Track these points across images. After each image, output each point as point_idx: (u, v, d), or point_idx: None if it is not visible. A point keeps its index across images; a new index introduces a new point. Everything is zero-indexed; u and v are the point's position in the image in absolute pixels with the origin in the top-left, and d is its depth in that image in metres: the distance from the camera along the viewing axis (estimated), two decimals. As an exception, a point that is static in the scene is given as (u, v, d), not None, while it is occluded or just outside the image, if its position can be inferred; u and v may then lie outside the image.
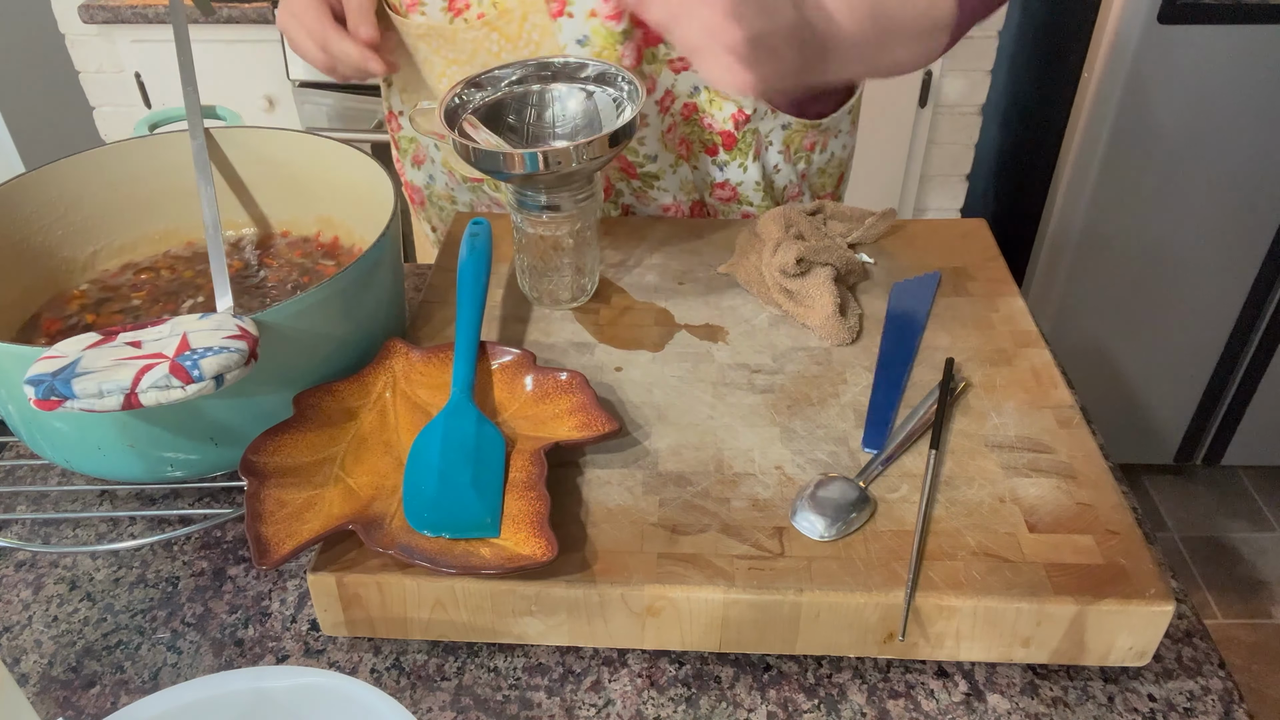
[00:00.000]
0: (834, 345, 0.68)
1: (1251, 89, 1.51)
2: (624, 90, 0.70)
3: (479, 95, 0.71)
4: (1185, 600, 0.57)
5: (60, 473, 0.68)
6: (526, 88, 0.72)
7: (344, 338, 0.63)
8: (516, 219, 0.70)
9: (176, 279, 0.76)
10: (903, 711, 0.51)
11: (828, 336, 0.69)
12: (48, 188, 0.72)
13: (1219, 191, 1.61)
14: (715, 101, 0.83)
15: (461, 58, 0.78)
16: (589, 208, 0.70)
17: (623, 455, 0.59)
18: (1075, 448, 0.59)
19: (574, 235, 0.70)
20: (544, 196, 0.68)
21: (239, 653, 0.56)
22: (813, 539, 0.53)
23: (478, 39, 0.77)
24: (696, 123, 0.85)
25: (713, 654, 0.55)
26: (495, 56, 0.77)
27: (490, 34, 0.76)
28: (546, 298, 0.73)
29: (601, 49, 0.76)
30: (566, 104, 0.72)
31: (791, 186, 0.91)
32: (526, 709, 0.52)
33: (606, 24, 0.75)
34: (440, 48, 0.78)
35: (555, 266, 0.71)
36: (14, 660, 0.55)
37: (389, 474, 0.57)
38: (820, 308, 0.69)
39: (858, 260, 0.75)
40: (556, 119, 0.72)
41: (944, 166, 1.90)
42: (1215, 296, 1.72)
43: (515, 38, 0.76)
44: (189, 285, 0.75)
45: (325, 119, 1.76)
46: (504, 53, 0.77)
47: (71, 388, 0.50)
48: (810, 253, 0.71)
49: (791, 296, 0.71)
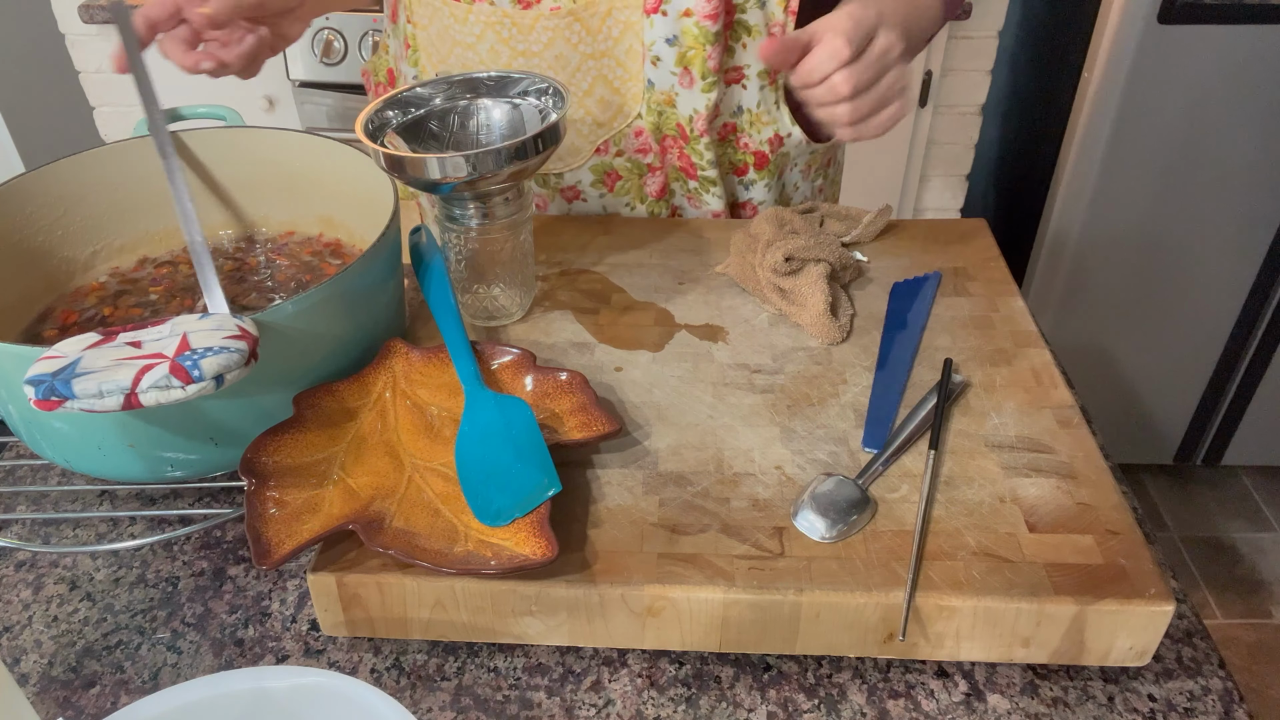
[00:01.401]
0: (826, 344, 0.69)
1: (1251, 89, 1.51)
2: (549, 100, 0.70)
3: (402, 113, 0.70)
4: (1185, 600, 0.57)
5: (60, 473, 0.68)
6: (453, 103, 0.71)
7: (344, 338, 0.63)
8: (445, 235, 0.69)
9: (194, 274, 0.76)
10: (903, 711, 0.51)
11: (819, 335, 0.69)
12: (48, 188, 0.72)
13: (1219, 191, 1.61)
14: (756, 124, 0.84)
15: (534, 49, 0.78)
16: (519, 220, 0.69)
17: (623, 455, 0.59)
18: (1075, 448, 0.59)
19: (506, 248, 0.69)
20: (471, 208, 0.67)
21: (239, 653, 0.56)
22: (813, 539, 0.53)
23: (556, 29, 0.76)
24: (732, 143, 0.85)
25: (713, 654, 0.55)
26: (574, 48, 0.77)
27: (573, 24, 0.76)
28: (479, 314, 0.72)
29: (689, 48, 0.77)
30: (491, 114, 0.72)
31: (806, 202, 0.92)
32: (526, 709, 0.52)
33: (703, 24, 0.75)
34: (511, 38, 0.78)
35: (488, 280, 0.70)
36: (14, 660, 0.55)
37: (389, 474, 0.57)
38: (811, 305, 0.69)
39: (852, 258, 0.75)
40: (480, 129, 0.72)
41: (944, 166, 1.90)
42: (1215, 296, 1.72)
43: (596, 31, 0.77)
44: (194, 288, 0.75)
45: (325, 119, 1.76)
46: (581, 44, 0.77)
47: (71, 388, 0.50)
48: (801, 250, 0.71)
49: (784, 295, 0.71)
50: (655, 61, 0.78)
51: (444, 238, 0.70)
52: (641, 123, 0.82)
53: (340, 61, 1.68)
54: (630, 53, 0.78)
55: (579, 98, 0.81)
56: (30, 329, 0.71)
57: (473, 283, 0.71)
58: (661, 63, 0.78)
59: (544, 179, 0.86)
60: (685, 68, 0.78)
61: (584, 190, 0.87)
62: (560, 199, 0.88)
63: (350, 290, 0.61)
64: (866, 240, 0.80)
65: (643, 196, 0.87)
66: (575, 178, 0.85)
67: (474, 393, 0.60)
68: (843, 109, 0.64)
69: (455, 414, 0.60)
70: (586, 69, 0.79)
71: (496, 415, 0.58)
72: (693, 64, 0.77)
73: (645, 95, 0.80)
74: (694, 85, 0.79)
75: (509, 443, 0.56)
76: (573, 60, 0.78)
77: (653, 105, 0.81)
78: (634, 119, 0.82)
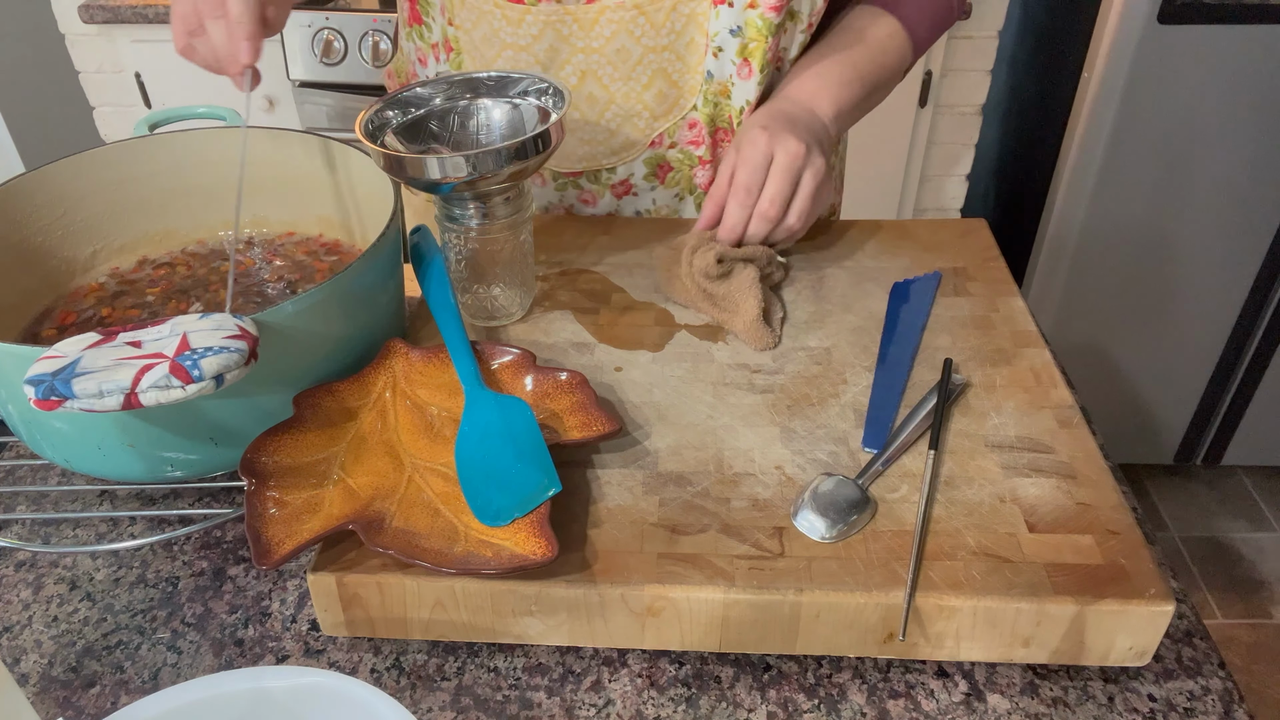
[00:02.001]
0: (759, 349, 0.68)
1: (1251, 89, 1.51)
2: (549, 101, 0.70)
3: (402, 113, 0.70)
4: (1185, 600, 0.57)
5: (60, 473, 0.68)
6: (453, 103, 0.71)
7: (344, 338, 0.63)
8: (445, 235, 0.69)
9: (191, 275, 0.76)
10: (903, 711, 0.51)
11: (752, 342, 0.68)
12: (48, 188, 0.72)
13: (1219, 191, 1.61)
14: None
15: (595, 44, 0.78)
16: (518, 220, 0.69)
17: (623, 455, 0.59)
18: (1075, 448, 0.59)
19: (506, 248, 0.69)
20: (471, 208, 0.67)
21: (239, 653, 0.56)
22: (813, 539, 0.53)
23: (620, 22, 0.77)
24: None
25: (713, 654, 0.55)
26: (636, 41, 0.78)
27: (637, 18, 0.77)
28: (479, 314, 0.72)
29: (751, 39, 0.77)
30: (491, 114, 0.72)
31: None
32: (526, 709, 0.52)
33: (767, 15, 0.76)
34: (572, 34, 0.78)
35: (488, 280, 0.70)
36: (14, 660, 0.55)
37: (389, 474, 0.57)
38: (744, 312, 0.68)
39: (778, 259, 0.75)
40: (480, 129, 0.72)
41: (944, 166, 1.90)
42: (1215, 296, 1.72)
43: (660, 25, 0.77)
44: (201, 283, 0.76)
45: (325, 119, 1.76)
46: (645, 37, 0.78)
47: (71, 388, 0.50)
48: (731, 252, 0.71)
49: (715, 302, 0.71)
50: (717, 53, 0.79)
51: (444, 238, 0.70)
52: (696, 114, 0.82)
53: (340, 61, 1.68)
54: (691, 45, 0.79)
55: (637, 91, 0.81)
56: (30, 329, 0.71)
57: (473, 283, 0.71)
58: (723, 54, 0.79)
59: (596, 175, 0.86)
60: (745, 59, 0.79)
61: (636, 184, 0.87)
62: (610, 195, 0.88)
63: (350, 290, 0.61)
64: (789, 242, 0.79)
65: (692, 188, 0.87)
66: (629, 171, 0.85)
67: (474, 393, 0.60)
68: (789, 222, 0.74)
69: (455, 414, 0.60)
70: (647, 62, 0.79)
71: (496, 415, 0.58)
72: (753, 55, 0.78)
73: (703, 88, 0.81)
74: (751, 77, 0.79)
75: (509, 443, 0.56)
76: (634, 54, 0.78)
77: (709, 96, 0.81)
78: (689, 111, 0.82)
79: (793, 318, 0.72)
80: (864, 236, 0.82)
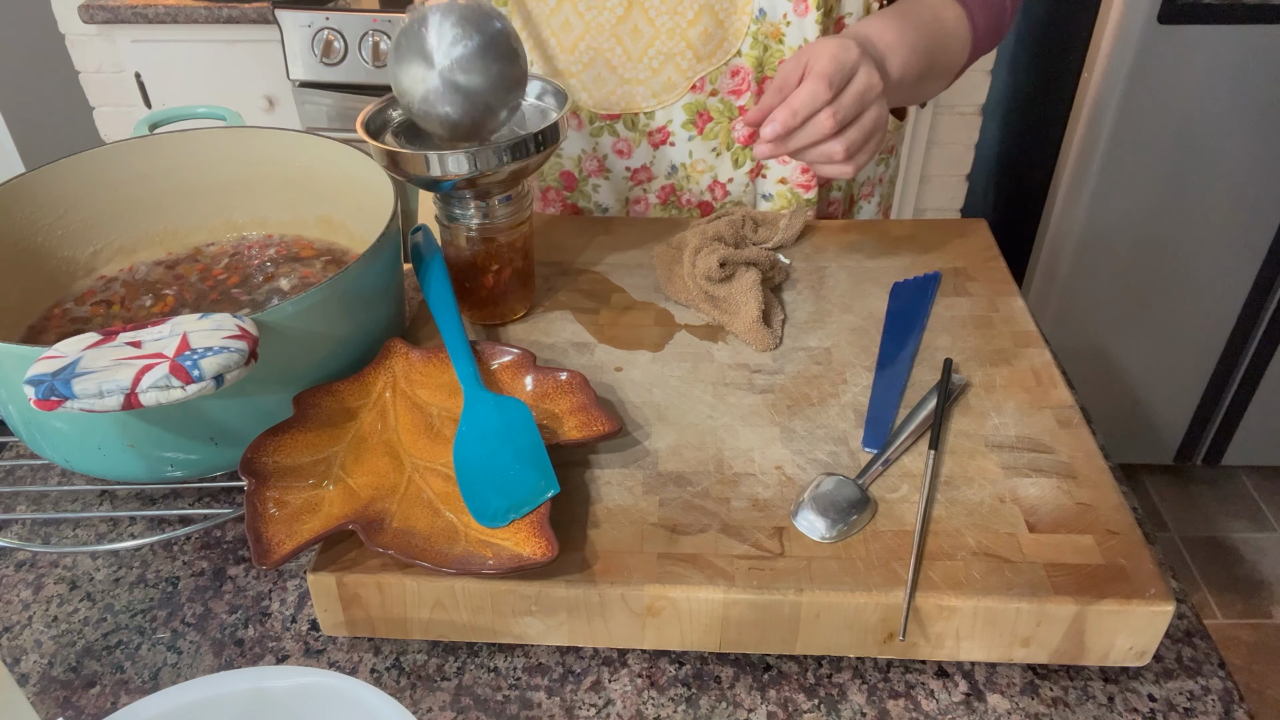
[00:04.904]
0: (760, 350, 0.68)
1: (1251, 89, 1.51)
2: (549, 100, 0.70)
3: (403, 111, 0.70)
4: (1185, 600, 0.57)
5: (60, 473, 0.68)
6: None
7: (344, 338, 0.63)
8: (445, 234, 0.69)
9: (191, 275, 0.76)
10: (903, 711, 0.51)
11: (752, 342, 0.68)
12: (48, 188, 0.72)
13: (1219, 191, 1.61)
14: None
15: None
16: (518, 220, 0.69)
17: (623, 455, 0.59)
18: (1075, 448, 0.59)
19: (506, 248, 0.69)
20: (471, 207, 0.67)
21: (239, 653, 0.56)
22: (813, 539, 0.53)
23: None
24: None
25: (713, 654, 0.55)
26: None
27: None
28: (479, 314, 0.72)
29: None
30: None
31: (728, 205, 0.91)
32: (526, 709, 0.52)
33: None
34: None
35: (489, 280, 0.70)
36: (14, 660, 0.55)
37: (389, 474, 0.57)
38: (745, 314, 0.69)
39: (781, 262, 0.75)
40: None
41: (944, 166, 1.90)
42: (1215, 296, 1.72)
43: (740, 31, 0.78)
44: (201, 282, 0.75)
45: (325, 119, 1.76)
46: None
47: (71, 388, 0.50)
48: (733, 256, 0.71)
49: (716, 304, 0.71)
50: None
51: (444, 237, 0.70)
52: (741, 60, 0.80)
53: (340, 61, 1.69)
54: None
55: (682, 27, 0.79)
56: (30, 329, 0.71)
57: (480, 282, 0.71)
58: None
59: (634, 120, 0.84)
60: None
61: (674, 132, 0.84)
62: (647, 144, 0.85)
63: (350, 290, 0.61)
64: (789, 243, 0.79)
65: (730, 143, 0.85)
66: (667, 116, 0.84)
67: (473, 394, 0.59)
68: (835, 145, 0.65)
69: (455, 414, 0.60)
70: None
71: (495, 416, 0.58)
72: None
73: (752, 28, 0.79)
74: (808, 14, 0.77)
75: (508, 444, 0.56)
76: None
77: (759, 38, 0.79)
78: (733, 56, 0.80)
79: (793, 318, 0.72)
80: (864, 236, 0.82)
